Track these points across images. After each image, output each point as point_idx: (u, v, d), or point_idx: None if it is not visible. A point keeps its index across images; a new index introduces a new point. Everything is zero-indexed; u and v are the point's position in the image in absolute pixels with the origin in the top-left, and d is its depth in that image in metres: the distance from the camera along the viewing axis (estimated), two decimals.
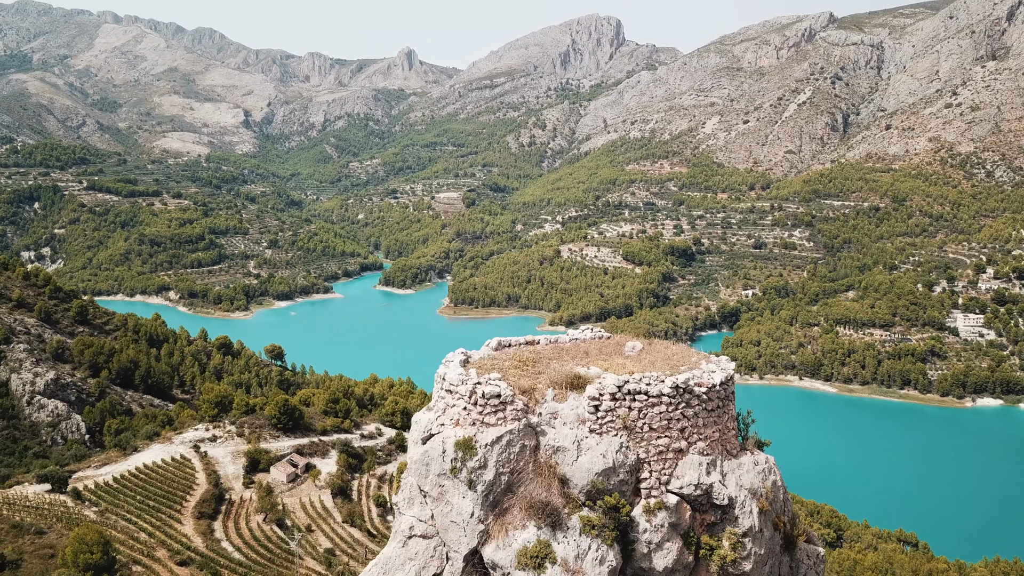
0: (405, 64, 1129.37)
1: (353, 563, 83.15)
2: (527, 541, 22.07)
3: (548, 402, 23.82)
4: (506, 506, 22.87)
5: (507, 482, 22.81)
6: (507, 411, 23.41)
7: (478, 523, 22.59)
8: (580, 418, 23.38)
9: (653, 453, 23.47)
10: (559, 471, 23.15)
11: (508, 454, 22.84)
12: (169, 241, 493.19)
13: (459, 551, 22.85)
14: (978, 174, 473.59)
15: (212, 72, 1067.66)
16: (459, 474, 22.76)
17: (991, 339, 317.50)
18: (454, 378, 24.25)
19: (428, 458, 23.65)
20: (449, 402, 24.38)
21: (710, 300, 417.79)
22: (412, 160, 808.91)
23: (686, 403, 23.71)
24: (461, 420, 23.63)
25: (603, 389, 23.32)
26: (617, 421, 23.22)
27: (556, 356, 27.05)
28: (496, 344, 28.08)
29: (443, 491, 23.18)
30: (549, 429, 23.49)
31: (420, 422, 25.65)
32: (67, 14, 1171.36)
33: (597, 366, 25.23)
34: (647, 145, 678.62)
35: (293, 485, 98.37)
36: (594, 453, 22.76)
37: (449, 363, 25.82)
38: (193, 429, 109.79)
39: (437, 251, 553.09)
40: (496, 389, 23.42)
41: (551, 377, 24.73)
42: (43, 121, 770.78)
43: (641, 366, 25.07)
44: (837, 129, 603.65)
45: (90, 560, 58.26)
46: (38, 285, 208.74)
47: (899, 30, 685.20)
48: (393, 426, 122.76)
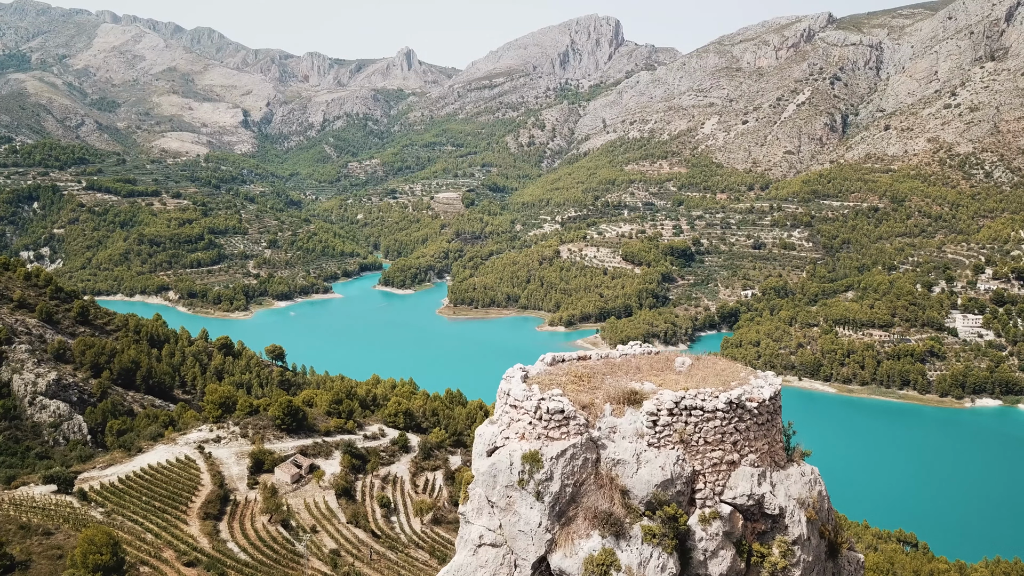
0: (404, 64, 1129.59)
1: (358, 564, 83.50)
2: (592, 549, 22.99)
3: (607, 416, 24.77)
4: (571, 516, 23.81)
5: (571, 493, 23.81)
6: (570, 426, 24.32)
7: (545, 532, 23.48)
8: (638, 432, 24.37)
9: (708, 465, 24.51)
10: (619, 483, 24.16)
11: (572, 467, 23.80)
12: (168, 241, 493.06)
13: (527, 559, 23.75)
14: (977, 174, 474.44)
15: (211, 72, 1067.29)
16: (527, 486, 23.65)
17: (990, 339, 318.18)
18: (519, 394, 25.05)
19: (496, 470, 24.53)
20: (514, 416, 25.18)
21: (709, 300, 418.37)
22: (411, 160, 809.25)
23: (739, 417, 24.68)
24: (527, 434, 24.57)
25: (661, 405, 24.28)
26: (674, 435, 24.23)
27: (609, 371, 28.06)
28: (551, 359, 29.01)
29: (511, 502, 24.08)
30: (609, 443, 24.49)
31: (484, 435, 26.52)
32: (65, 14, 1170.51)
33: (651, 382, 26.25)
34: (646, 145, 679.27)
35: (297, 486, 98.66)
36: (653, 465, 23.80)
37: (511, 379, 26.56)
38: (197, 430, 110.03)
39: (436, 251, 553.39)
40: (560, 405, 24.34)
41: (608, 392, 25.70)
42: (42, 121, 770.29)
43: (693, 382, 26.04)
44: (836, 129, 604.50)
45: (99, 561, 58.54)
46: (39, 285, 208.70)
47: (898, 31, 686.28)
48: (396, 427, 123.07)
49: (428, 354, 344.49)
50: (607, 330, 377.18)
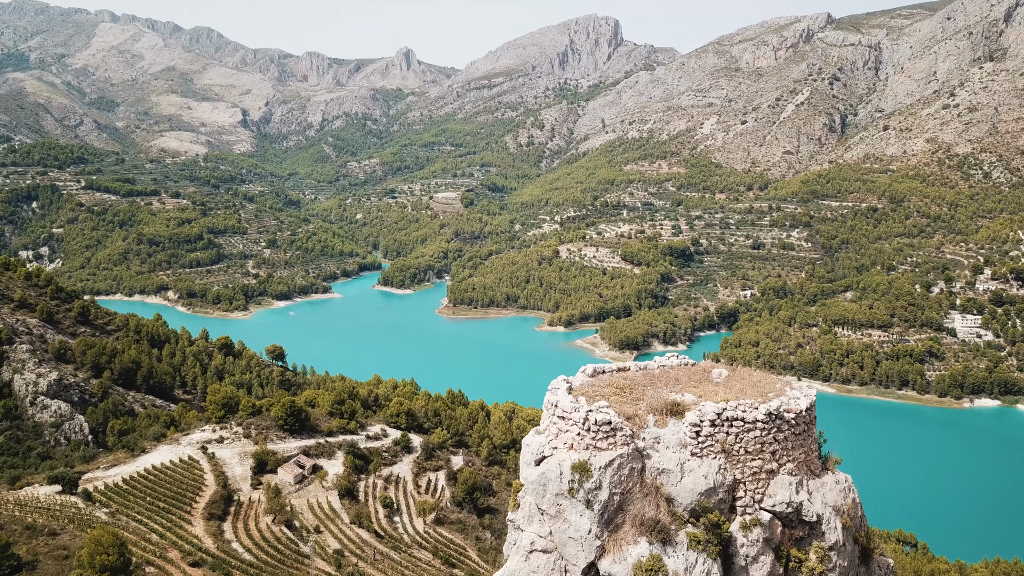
0: (403, 64, 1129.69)
1: (362, 564, 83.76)
2: (641, 555, 23.78)
3: (650, 427, 25.56)
4: (618, 523, 24.67)
5: (618, 501, 24.68)
6: (617, 436, 25.22)
7: (595, 539, 24.34)
8: (681, 442, 25.21)
9: (748, 474, 25.28)
10: (664, 491, 25.01)
11: (619, 476, 24.70)
12: (167, 241, 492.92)
13: (577, 564, 24.55)
14: (975, 175, 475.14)
15: (210, 71, 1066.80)
16: (576, 494, 24.50)
17: (989, 340, 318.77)
18: (567, 406, 25.86)
19: (545, 479, 25.35)
20: (562, 428, 25.98)
21: (709, 300, 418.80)
22: (410, 160, 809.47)
23: (777, 428, 25.43)
24: (575, 444, 25.44)
25: (703, 416, 25.13)
26: (716, 445, 25.06)
27: (649, 383, 28.82)
28: (592, 371, 29.87)
29: (560, 510, 24.93)
30: (654, 452, 25.37)
31: (532, 445, 27.35)
32: (64, 13, 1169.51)
33: (690, 393, 27.05)
34: (645, 145, 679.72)
35: (300, 486, 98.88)
36: (696, 475, 24.69)
37: (557, 390, 27.28)
38: (200, 430, 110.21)
39: (435, 251, 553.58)
40: (607, 416, 25.22)
41: (650, 404, 26.46)
42: (40, 120, 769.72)
43: (731, 393, 26.84)
44: (835, 130, 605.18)
45: (106, 561, 58.74)
46: (40, 285, 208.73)
47: (897, 31, 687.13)
48: (398, 427, 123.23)
49: (428, 354, 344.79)
50: (606, 330, 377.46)
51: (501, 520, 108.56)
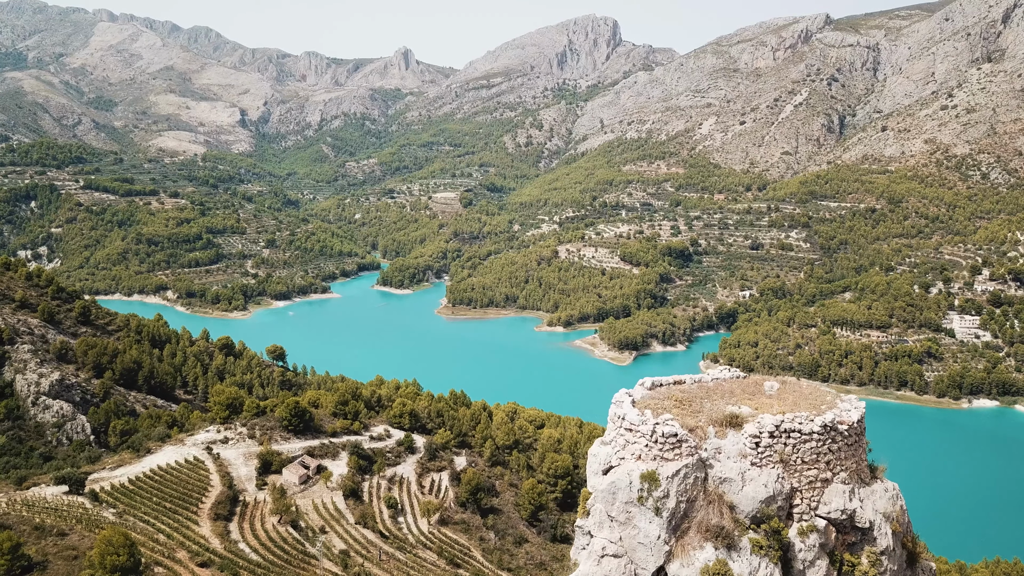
0: (402, 64, 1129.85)
1: (368, 564, 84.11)
2: (707, 560, 24.96)
3: (712, 438, 26.94)
4: (684, 529, 25.91)
5: (684, 509, 25.97)
6: (682, 448, 26.53)
7: (664, 544, 25.61)
8: (742, 453, 26.48)
9: (804, 483, 26.71)
10: (727, 499, 26.23)
11: (685, 485, 26.00)
12: (166, 240, 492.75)
13: (647, 568, 25.85)
14: (973, 176, 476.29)
15: (208, 71, 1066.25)
16: (646, 502, 25.78)
17: (987, 340, 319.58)
18: (634, 419, 27.21)
19: (615, 488, 26.55)
20: (629, 439, 27.29)
21: (707, 301, 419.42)
22: (409, 160, 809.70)
23: (832, 439, 26.87)
24: (643, 455, 26.87)
25: (762, 428, 26.55)
26: (774, 455, 26.41)
27: (705, 395, 30.34)
28: (650, 384, 31.56)
29: (630, 516, 26.17)
30: (715, 462, 26.63)
31: (599, 455, 28.64)
32: (62, 12, 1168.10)
33: (746, 406, 28.49)
34: (644, 146, 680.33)
35: (305, 487, 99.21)
36: (757, 483, 25.95)
37: (622, 404, 28.69)
38: (204, 431, 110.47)
39: (434, 251, 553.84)
40: (673, 429, 26.57)
41: (710, 416, 27.95)
42: (39, 120, 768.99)
43: (785, 405, 28.35)
44: (833, 130, 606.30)
45: (117, 562, 59.04)
46: (41, 286, 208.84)
47: (895, 32, 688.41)
48: (401, 428, 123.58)
49: (427, 354, 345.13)
50: (605, 330, 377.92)
51: (504, 521, 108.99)
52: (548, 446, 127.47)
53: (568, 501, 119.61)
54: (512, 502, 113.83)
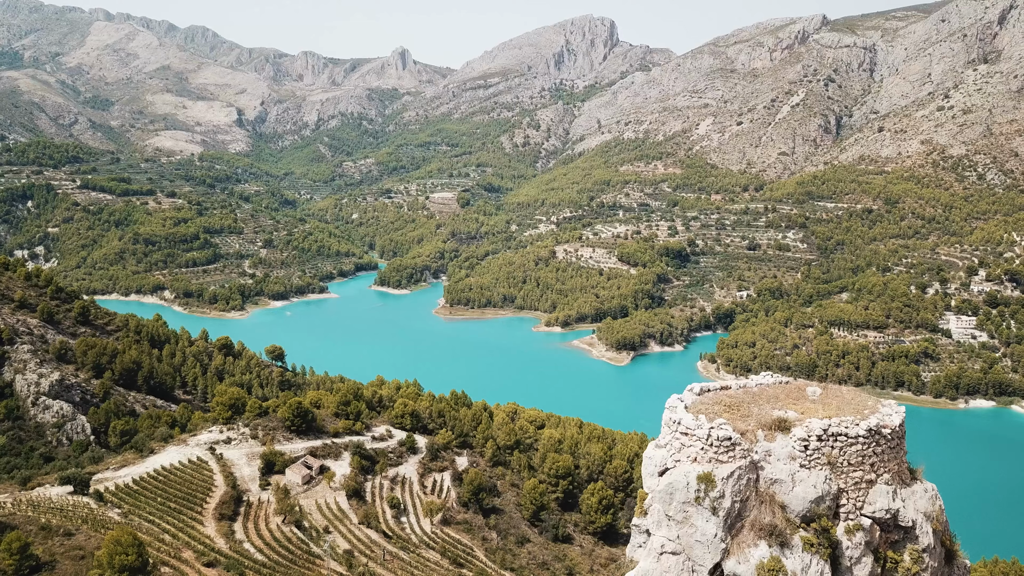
0: (399, 63, 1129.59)
1: (372, 564, 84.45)
2: (762, 557, 26.35)
3: (761, 441, 28.43)
4: (739, 528, 27.32)
5: (738, 509, 27.36)
6: (736, 450, 27.98)
7: (720, 542, 26.93)
8: (791, 455, 27.91)
9: (850, 484, 28.19)
10: (778, 499, 27.68)
11: (739, 485, 27.41)
12: (164, 240, 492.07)
13: (704, 565, 27.15)
14: (970, 177, 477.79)
15: (205, 70, 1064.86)
16: (703, 502, 27.07)
17: (983, 341, 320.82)
18: (690, 423, 28.72)
19: (672, 489, 27.97)
20: (685, 443, 28.82)
21: (705, 301, 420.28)
22: (406, 160, 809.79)
23: (876, 442, 28.43)
24: (699, 458, 28.32)
25: (811, 432, 27.96)
26: (822, 458, 27.83)
27: (752, 400, 31.53)
28: (699, 389, 32.75)
29: (687, 516, 27.48)
30: (766, 464, 28.10)
31: (654, 458, 30.26)
32: (58, 11, 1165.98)
33: (792, 410, 29.93)
34: (641, 146, 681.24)
35: (308, 487, 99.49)
36: (807, 484, 27.41)
37: (675, 409, 30.27)
38: (207, 431, 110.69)
39: (432, 251, 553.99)
40: (727, 432, 28.01)
41: (759, 420, 29.37)
42: (35, 119, 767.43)
43: (829, 410, 29.73)
44: (830, 131, 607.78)
45: (125, 561, 59.29)
46: (39, 286, 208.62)
47: (891, 33, 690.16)
48: (403, 428, 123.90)
49: (426, 355, 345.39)
50: (603, 331, 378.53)
51: (506, 521, 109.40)
52: (549, 446, 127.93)
53: (569, 501, 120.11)
54: (514, 502, 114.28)
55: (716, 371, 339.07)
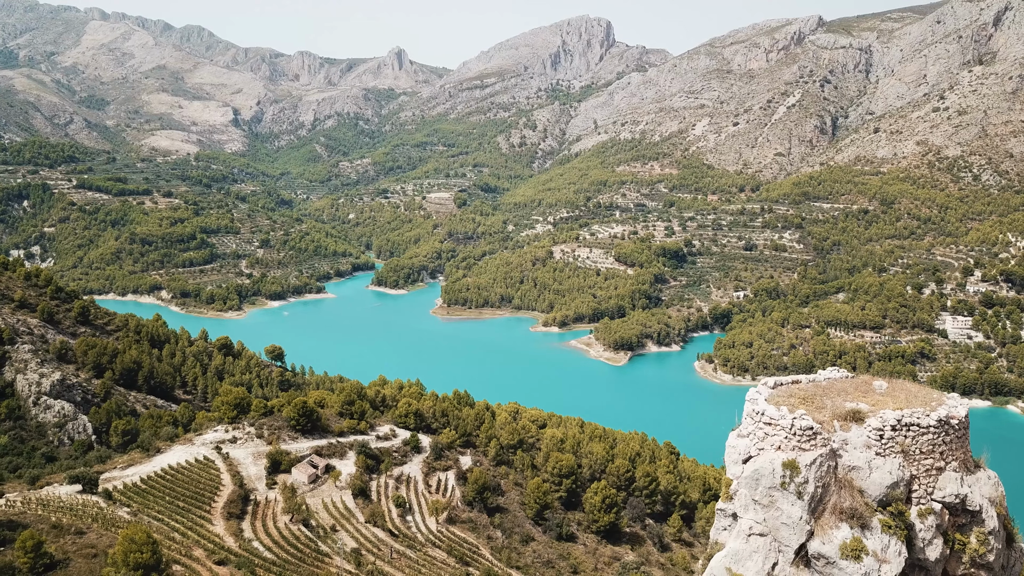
0: (395, 64, 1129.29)
1: (380, 562, 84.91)
2: (845, 538, 28.53)
3: (838, 431, 30.54)
4: (821, 511, 29.38)
5: (820, 494, 29.38)
6: (817, 439, 29.96)
7: (805, 524, 29.05)
8: (866, 444, 30.08)
9: (922, 471, 30.40)
10: (855, 484, 29.78)
11: (820, 472, 29.39)
12: (160, 240, 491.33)
13: (790, 546, 29.27)
14: (965, 177, 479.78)
15: (201, 70, 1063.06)
16: (788, 487, 29.10)
17: (979, 341, 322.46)
18: (774, 414, 30.71)
19: (759, 475, 29.97)
20: (768, 432, 30.80)
21: (702, 301, 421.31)
22: (402, 160, 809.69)
23: (945, 432, 30.60)
24: (782, 446, 30.25)
25: (885, 422, 30.17)
26: (896, 446, 30.00)
27: (823, 393, 33.55)
28: (773, 383, 34.51)
29: (773, 500, 29.54)
30: (844, 452, 30.27)
31: (737, 447, 32.15)
32: (53, 10, 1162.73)
33: (864, 403, 32.07)
34: (637, 146, 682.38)
35: (314, 486, 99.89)
36: (882, 471, 29.63)
37: (757, 401, 32.01)
38: (212, 430, 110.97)
39: (429, 251, 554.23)
40: (809, 423, 30.04)
41: (834, 411, 31.50)
42: (30, 118, 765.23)
43: (899, 402, 31.95)
44: (826, 132, 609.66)
45: (140, 559, 59.65)
46: (39, 286, 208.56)
47: (887, 34, 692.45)
48: (407, 427, 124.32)
49: (425, 355, 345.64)
50: (601, 331, 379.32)
51: (511, 519, 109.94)
52: (551, 446, 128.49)
53: (572, 500, 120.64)
54: (518, 501, 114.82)
55: (713, 371, 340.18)
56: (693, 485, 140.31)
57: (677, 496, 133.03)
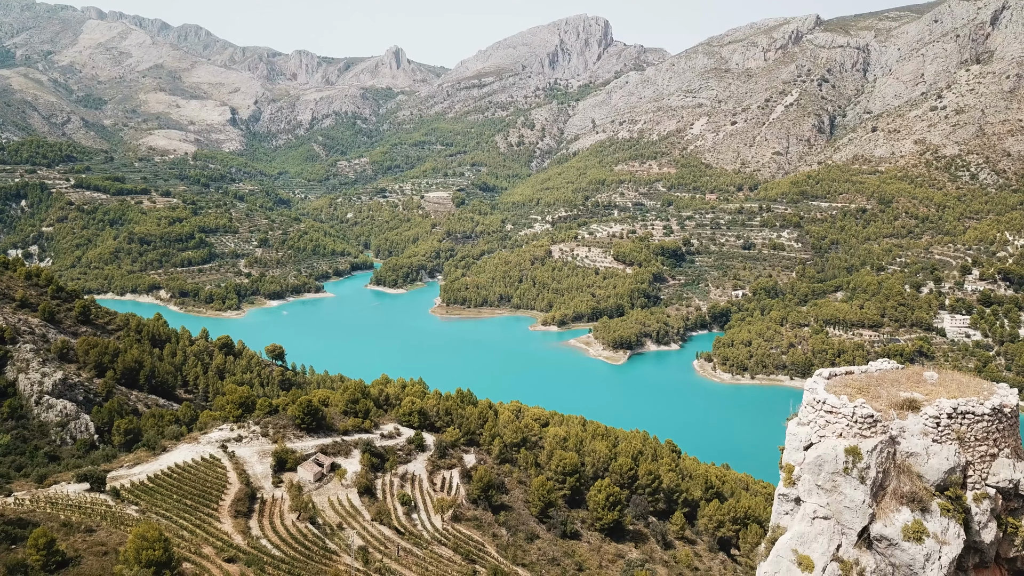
0: (393, 63, 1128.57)
1: (387, 560, 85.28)
2: (906, 520, 29.86)
3: (895, 420, 31.80)
4: (881, 495, 30.68)
5: (881, 479, 30.67)
6: (877, 427, 31.19)
7: (868, 508, 30.35)
8: (923, 431, 31.31)
9: (976, 457, 31.49)
10: (914, 470, 31.09)
11: (881, 458, 30.69)
12: (159, 240, 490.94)
13: (853, 528, 30.51)
14: (962, 176, 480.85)
15: (198, 69, 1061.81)
16: (851, 473, 30.32)
17: (977, 340, 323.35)
18: (835, 403, 31.92)
19: (822, 461, 31.20)
20: (829, 420, 32.02)
21: (700, 300, 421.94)
22: (401, 159, 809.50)
23: (999, 419, 31.59)
24: (844, 433, 31.44)
25: (941, 410, 31.33)
26: (952, 433, 31.15)
27: (877, 383, 34.61)
28: (828, 374, 35.72)
29: (835, 485, 30.80)
30: (902, 439, 31.59)
31: (798, 435, 33.25)
32: (50, 9, 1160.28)
33: (917, 392, 33.19)
34: (636, 146, 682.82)
35: (320, 484, 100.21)
36: (940, 457, 31.02)
37: (816, 390, 33.22)
38: (218, 429, 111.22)
39: (427, 250, 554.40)
40: (869, 411, 31.28)
41: (889, 400, 32.66)
42: (27, 118, 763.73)
43: (950, 392, 32.93)
44: (824, 131, 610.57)
45: (152, 556, 59.97)
46: (40, 285, 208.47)
47: (884, 33, 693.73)
48: (411, 426, 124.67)
49: (424, 354, 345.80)
50: (600, 330, 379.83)
51: (515, 517, 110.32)
52: (555, 444, 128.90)
53: (576, 498, 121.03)
54: (522, 499, 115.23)
55: (712, 370, 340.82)
56: (695, 483, 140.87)
57: (679, 494, 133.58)
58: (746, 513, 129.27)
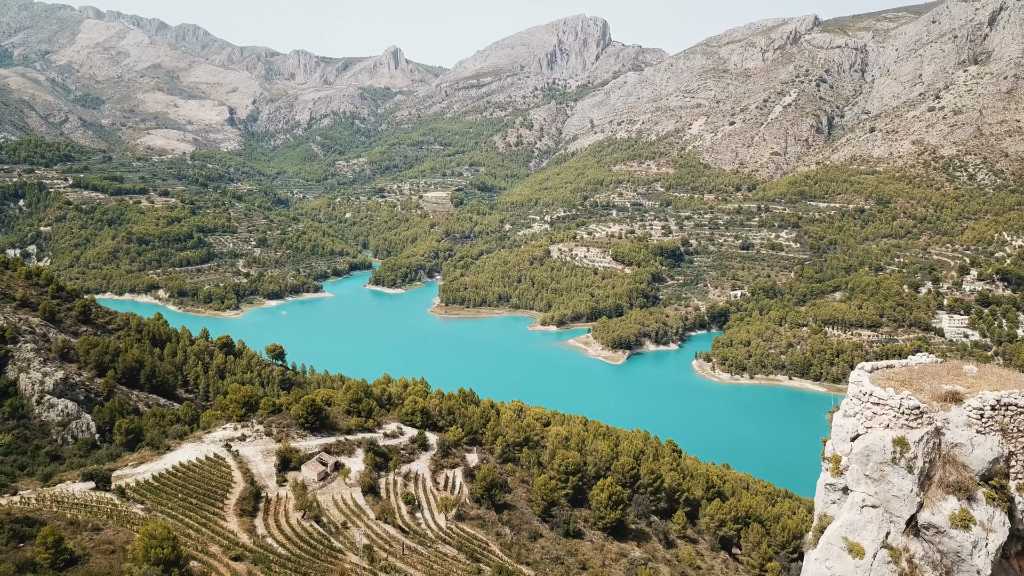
0: (391, 63, 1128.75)
1: (392, 558, 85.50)
2: (953, 509, 30.72)
3: (938, 411, 32.62)
4: (927, 485, 31.55)
5: (927, 468, 31.54)
6: (923, 418, 31.94)
7: (915, 496, 31.27)
8: (967, 423, 32.09)
9: (1019, 447, 32.32)
10: (959, 460, 31.94)
11: (927, 448, 31.52)
12: (157, 239, 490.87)
13: (901, 516, 31.46)
14: (960, 177, 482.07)
15: (196, 69, 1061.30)
16: (898, 462, 31.25)
17: (976, 340, 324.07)
18: (882, 395, 32.82)
19: (869, 451, 32.10)
20: (876, 411, 32.90)
21: (699, 300, 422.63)
22: (399, 159, 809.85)
23: None
24: (891, 424, 32.27)
25: (985, 402, 32.12)
26: (996, 425, 31.96)
27: (918, 376, 35.51)
28: (871, 367, 36.61)
29: (883, 474, 31.73)
30: (946, 430, 32.39)
31: (844, 426, 34.00)
32: (48, 9, 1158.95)
33: (959, 384, 34.01)
34: (634, 146, 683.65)
35: (324, 483, 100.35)
36: (984, 447, 31.92)
37: (861, 383, 34.17)
38: (222, 428, 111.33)
39: (426, 250, 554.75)
40: (915, 403, 32.11)
41: (932, 393, 33.52)
42: (25, 117, 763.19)
43: (992, 384, 33.69)
44: (822, 131, 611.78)
45: (160, 555, 60.14)
46: (40, 284, 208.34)
47: (883, 34, 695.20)
48: (414, 425, 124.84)
49: (424, 354, 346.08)
50: (599, 330, 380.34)
51: (519, 516, 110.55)
52: (557, 443, 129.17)
53: (579, 497, 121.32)
54: (525, 498, 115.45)
55: (711, 370, 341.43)
56: (696, 483, 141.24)
57: (681, 493, 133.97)
58: (747, 512, 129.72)
